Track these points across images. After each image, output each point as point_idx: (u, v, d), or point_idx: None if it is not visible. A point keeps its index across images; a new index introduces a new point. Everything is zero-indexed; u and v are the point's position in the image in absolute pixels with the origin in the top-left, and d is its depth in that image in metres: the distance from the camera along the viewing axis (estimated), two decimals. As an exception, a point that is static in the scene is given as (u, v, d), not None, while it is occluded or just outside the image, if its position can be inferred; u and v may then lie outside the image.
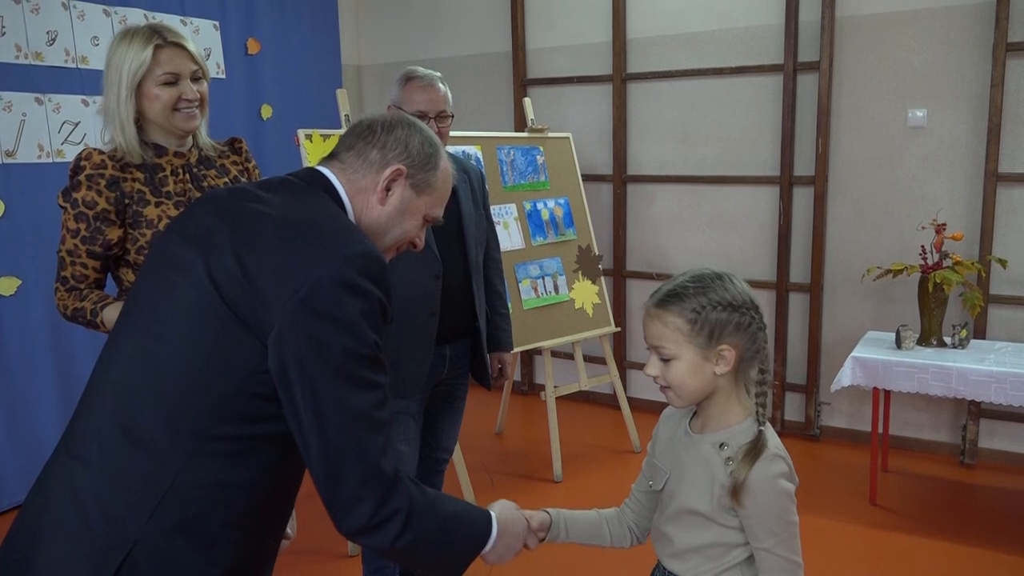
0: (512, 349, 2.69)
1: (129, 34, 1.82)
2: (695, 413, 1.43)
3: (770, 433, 1.35)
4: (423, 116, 2.32)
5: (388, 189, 1.35)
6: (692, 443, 1.39)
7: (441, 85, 2.40)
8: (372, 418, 1.16)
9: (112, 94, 1.81)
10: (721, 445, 1.33)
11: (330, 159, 1.37)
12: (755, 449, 1.30)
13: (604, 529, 1.52)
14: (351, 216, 1.33)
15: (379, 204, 1.35)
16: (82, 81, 3.57)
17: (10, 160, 3.36)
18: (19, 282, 3.41)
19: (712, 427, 1.37)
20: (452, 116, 2.42)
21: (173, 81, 1.82)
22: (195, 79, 1.86)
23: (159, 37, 1.81)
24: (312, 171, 1.35)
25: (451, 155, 2.49)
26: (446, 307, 2.35)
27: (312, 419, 1.13)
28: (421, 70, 2.41)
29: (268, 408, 1.16)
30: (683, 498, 1.36)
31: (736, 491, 1.29)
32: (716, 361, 1.32)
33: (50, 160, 3.48)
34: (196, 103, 1.86)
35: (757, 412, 1.35)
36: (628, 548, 1.55)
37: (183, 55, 1.84)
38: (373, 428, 1.16)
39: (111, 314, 1.80)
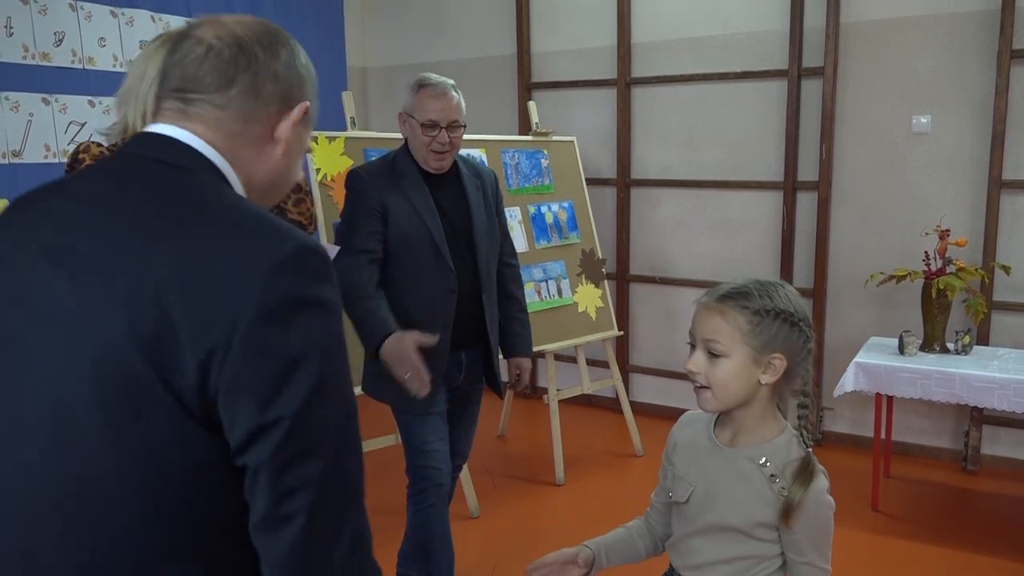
0: (530, 354, 2.63)
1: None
2: (719, 423, 1.39)
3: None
4: (435, 126, 2.29)
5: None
6: (724, 457, 1.35)
7: (454, 93, 2.35)
8: None
9: (145, 82, 1.85)
10: (764, 462, 1.30)
11: (177, 112, 0.96)
12: (806, 470, 1.29)
13: (638, 544, 1.50)
14: (238, 190, 0.98)
15: (283, 156, 1.02)
16: (89, 82, 3.59)
17: (17, 160, 3.37)
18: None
19: (746, 441, 1.34)
20: (465, 126, 2.37)
21: None
22: None
23: None
24: (159, 140, 0.95)
25: (463, 159, 2.48)
26: (458, 318, 2.35)
27: None
28: (434, 77, 2.36)
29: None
30: (717, 514, 1.33)
31: (788, 513, 1.27)
32: (765, 368, 1.29)
33: (57, 160, 3.49)
34: None
35: (802, 432, 1.33)
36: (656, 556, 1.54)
37: None
38: None
39: None
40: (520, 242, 3.79)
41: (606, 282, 4.15)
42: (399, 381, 2.12)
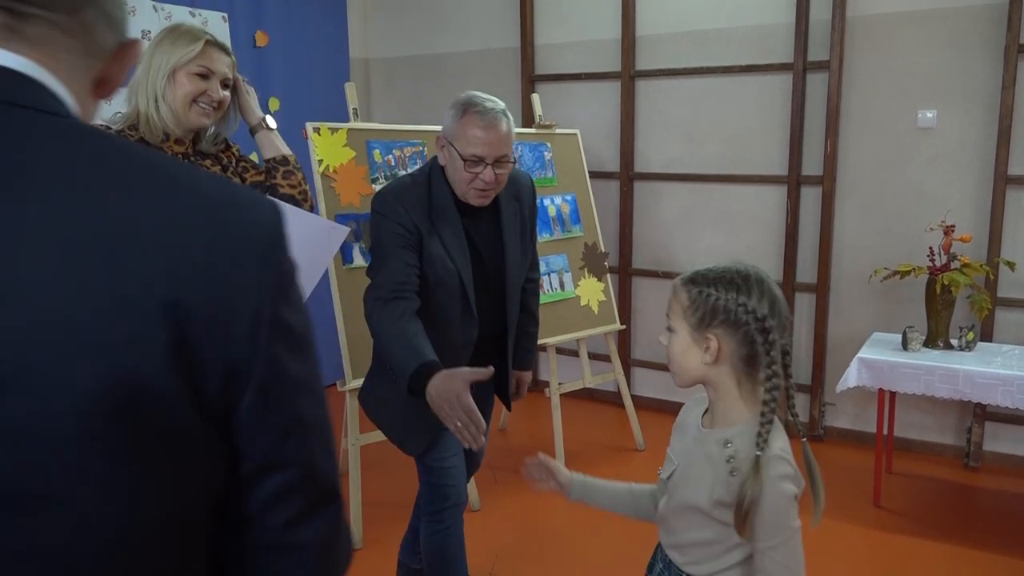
0: (532, 368, 2.55)
1: (179, 30, 1.93)
2: (708, 409, 1.44)
3: (777, 435, 1.32)
4: (479, 161, 1.97)
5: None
6: (700, 438, 1.40)
7: (505, 121, 2.00)
8: None
9: (155, 72, 1.89)
10: (726, 443, 1.33)
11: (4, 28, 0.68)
12: (756, 467, 1.27)
13: (628, 499, 1.57)
14: None
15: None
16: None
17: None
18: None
19: (721, 423, 1.38)
20: (515, 161, 2.07)
21: (206, 75, 1.91)
22: (224, 84, 1.96)
23: (209, 35, 1.94)
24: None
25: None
26: (477, 352, 2.17)
27: None
28: (484, 101, 2.01)
29: None
30: (686, 492, 1.37)
31: (740, 506, 1.27)
32: (704, 348, 1.34)
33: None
34: (215, 104, 1.93)
35: (760, 429, 1.30)
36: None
37: (224, 58, 1.96)
38: None
39: None
40: (523, 235, 3.77)
41: (608, 276, 4.14)
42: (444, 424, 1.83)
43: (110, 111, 2.00)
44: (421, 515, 2.32)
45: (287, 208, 1.84)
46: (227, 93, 1.97)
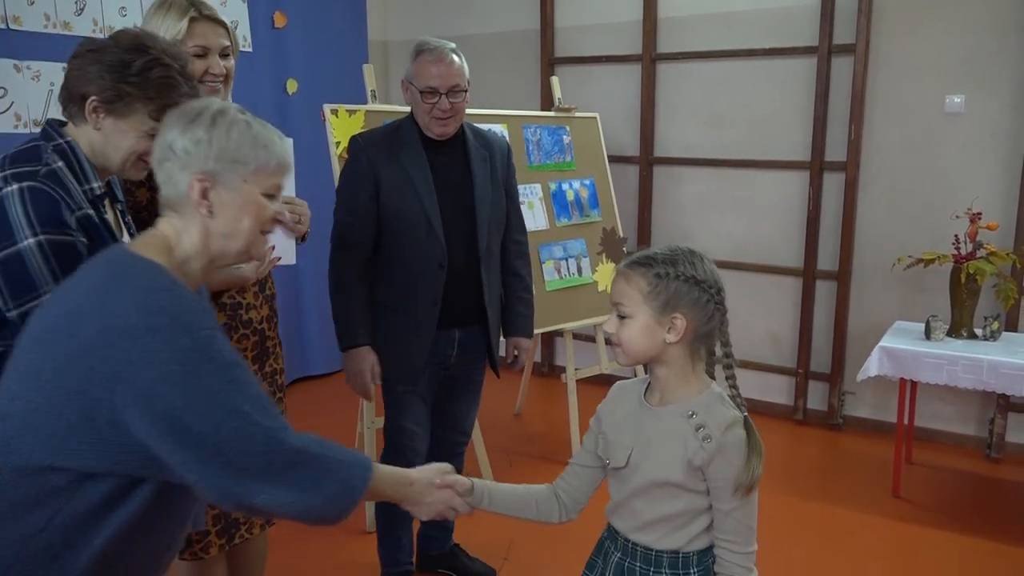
0: (531, 335, 2.60)
1: (166, 4, 1.84)
2: (648, 388, 1.47)
3: (729, 402, 1.42)
4: (434, 92, 2.21)
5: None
6: (655, 416, 1.42)
7: (455, 57, 2.25)
8: None
9: None
10: (691, 414, 1.38)
11: None
12: (744, 429, 1.38)
13: (531, 504, 1.54)
14: None
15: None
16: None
17: (38, 130, 3.36)
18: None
19: (673, 399, 1.42)
20: (467, 90, 2.27)
21: (203, 54, 1.83)
22: (224, 55, 1.88)
23: (195, 10, 1.84)
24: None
25: (476, 128, 2.43)
26: (452, 293, 2.30)
27: None
28: (433, 41, 2.26)
29: None
30: (652, 471, 1.40)
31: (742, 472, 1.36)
32: (668, 329, 1.37)
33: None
34: (221, 78, 1.87)
35: (735, 398, 1.41)
36: (556, 523, 1.57)
37: (216, 29, 1.86)
38: None
39: None
40: (541, 219, 3.75)
41: (627, 261, 4.10)
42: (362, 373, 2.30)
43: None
44: (380, 459, 2.46)
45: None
46: (229, 62, 1.90)
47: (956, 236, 3.37)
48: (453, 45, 2.28)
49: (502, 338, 2.55)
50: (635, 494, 1.42)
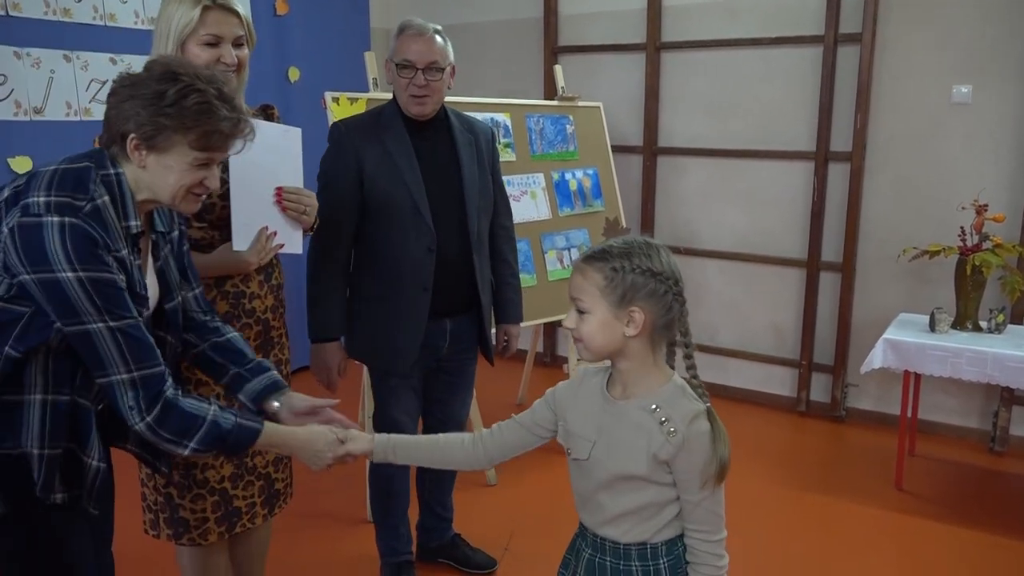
0: (520, 321, 2.59)
1: None
2: (610, 380, 1.45)
3: (692, 394, 1.40)
4: (411, 66, 2.18)
5: None
6: (618, 410, 1.41)
7: (436, 36, 2.22)
8: None
9: (160, 47, 1.83)
10: (654, 408, 1.37)
11: None
12: (707, 420, 1.37)
13: (437, 453, 1.60)
14: None
15: None
16: (111, 39, 3.55)
17: (38, 117, 3.35)
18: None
19: (635, 393, 1.40)
20: (444, 70, 2.22)
21: (215, 43, 1.81)
22: (238, 44, 1.85)
23: None
24: None
25: (459, 114, 2.39)
26: (443, 280, 2.27)
27: None
28: (417, 21, 2.24)
29: None
30: (617, 464, 1.39)
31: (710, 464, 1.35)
32: (627, 322, 1.35)
33: (78, 118, 3.47)
34: (233, 68, 1.84)
35: (695, 386, 1.40)
36: (467, 469, 1.63)
37: (230, 18, 1.84)
38: None
39: None
40: (543, 209, 3.73)
41: (630, 252, 4.08)
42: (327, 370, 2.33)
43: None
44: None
45: (267, 124, 1.81)
46: (243, 52, 1.87)
47: (962, 228, 3.35)
48: (439, 27, 2.24)
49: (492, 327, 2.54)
50: (600, 488, 1.42)
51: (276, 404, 1.65)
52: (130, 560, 2.68)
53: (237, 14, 1.85)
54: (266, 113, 2.03)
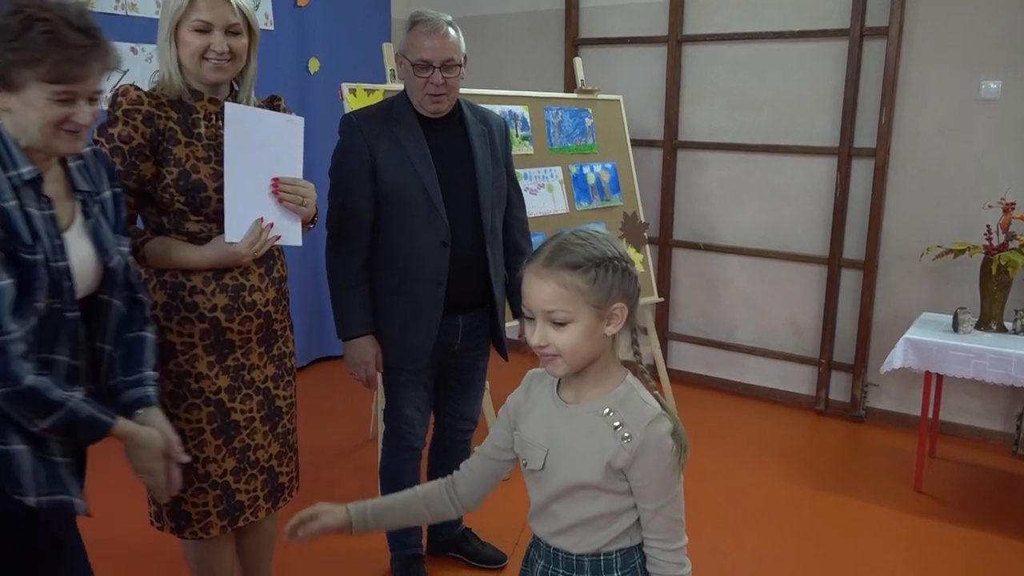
0: None
1: None
2: (562, 382, 1.36)
3: (645, 394, 1.32)
4: (427, 66, 2.13)
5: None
6: (570, 415, 1.33)
7: (450, 30, 2.16)
8: None
9: (160, 31, 1.83)
10: (608, 412, 1.29)
11: None
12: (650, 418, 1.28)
13: (422, 509, 1.47)
14: None
15: None
16: (131, 28, 3.56)
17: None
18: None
19: (589, 396, 1.32)
20: (462, 65, 2.19)
21: (204, 30, 1.78)
22: (233, 32, 1.82)
23: None
24: None
25: (472, 105, 2.36)
26: (457, 276, 2.24)
27: None
28: (429, 12, 2.17)
29: None
30: (569, 473, 1.30)
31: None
32: (609, 321, 1.27)
33: (106, 109, 3.48)
34: (226, 56, 1.81)
35: (644, 376, 1.33)
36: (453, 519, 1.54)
37: (222, 5, 1.80)
38: None
39: (153, 248, 1.81)
40: (560, 203, 3.70)
41: (648, 247, 4.05)
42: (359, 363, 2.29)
43: (151, 69, 1.94)
44: (383, 441, 2.49)
45: (241, 108, 1.80)
46: (238, 41, 1.83)
47: (988, 226, 3.28)
48: (449, 17, 2.19)
49: (508, 322, 2.51)
50: (554, 498, 1.34)
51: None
52: (141, 550, 2.71)
53: (229, 1, 1.81)
54: (272, 104, 2.00)
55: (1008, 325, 3.24)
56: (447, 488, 1.47)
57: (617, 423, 1.27)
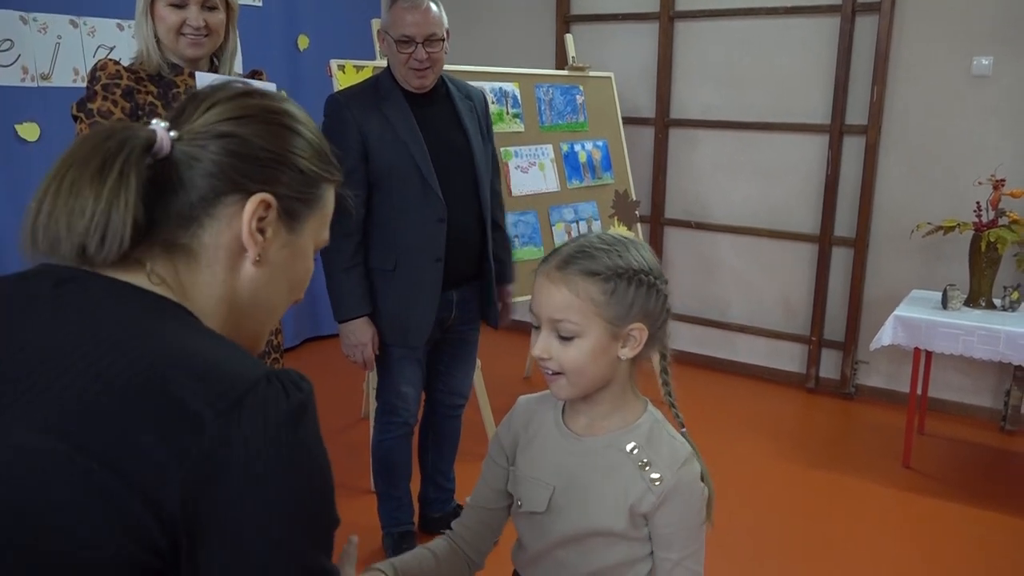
0: (513, 281, 2.56)
1: None
2: (569, 408, 1.18)
3: (671, 429, 1.16)
4: (410, 41, 2.13)
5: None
6: (583, 448, 1.14)
7: (432, 5, 2.16)
8: None
9: (137, 5, 1.82)
10: (632, 449, 1.11)
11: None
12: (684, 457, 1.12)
13: (443, 570, 1.22)
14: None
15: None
16: (117, 4, 3.51)
17: (45, 83, 3.34)
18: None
19: (607, 427, 1.15)
20: (445, 40, 2.18)
21: (180, 5, 1.78)
22: (209, 7, 1.81)
23: None
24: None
25: (453, 79, 2.35)
26: (454, 252, 2.25)
27: None
28: None
29: None
30: (583, 517, 1.12)
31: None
32: (624, 342, 1.10)
33: (85, 84, 3.44)
34: (203, 31, 1.80)
35: (672, 406, 1.18)
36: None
37: None
38: None
39: None
40: (552, 181, 3.69)
41: (639, 225, 4.05)
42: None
43: (136, 46, 1.92)
44: (375, 419, 2.50)
45: (211, 76, 1.82)
46: (215, 16, 1.81)
47: (978, 203, 3.28)
48: None
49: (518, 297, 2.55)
50: (559, 544, 1.14)
51: None
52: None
53: None
54: (254, 77, 2.00)
55: (997, 302, 3.25)
56: (453, 548, 1.25)
57: (644, 460, 1.10)
